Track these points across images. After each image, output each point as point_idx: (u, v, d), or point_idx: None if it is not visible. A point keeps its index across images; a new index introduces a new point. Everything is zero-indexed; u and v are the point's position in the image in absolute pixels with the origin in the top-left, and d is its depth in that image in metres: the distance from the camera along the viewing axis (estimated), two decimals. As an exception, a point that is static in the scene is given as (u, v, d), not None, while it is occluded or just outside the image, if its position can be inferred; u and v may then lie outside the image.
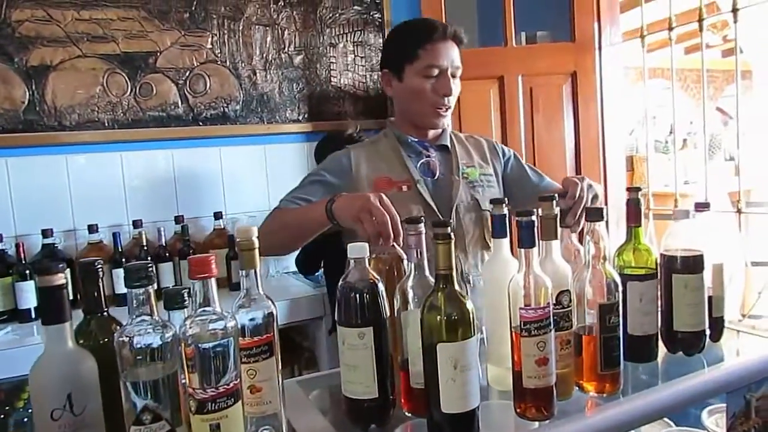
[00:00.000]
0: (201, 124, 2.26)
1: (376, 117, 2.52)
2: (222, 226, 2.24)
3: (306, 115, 2.44)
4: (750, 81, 3.54)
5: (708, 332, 1.08)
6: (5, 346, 1.63)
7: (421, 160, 1.48)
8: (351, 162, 1.47)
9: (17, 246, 1.90)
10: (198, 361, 0.66)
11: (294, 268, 2.31)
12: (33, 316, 1.87)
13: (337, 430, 0.89)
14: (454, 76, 1.44)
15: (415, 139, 1.50)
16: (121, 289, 2.00)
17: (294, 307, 2.03)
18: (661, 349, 1.09)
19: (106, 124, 2.11)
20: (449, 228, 0.80)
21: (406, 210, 1.38)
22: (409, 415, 0.91)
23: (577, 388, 0.96)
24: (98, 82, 2.08)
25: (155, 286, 0.68)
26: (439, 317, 0.80)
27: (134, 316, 0.66)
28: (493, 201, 0.97)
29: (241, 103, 2.32)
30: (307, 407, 0.98)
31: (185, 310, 0.76)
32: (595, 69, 2.23)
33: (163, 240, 2.12)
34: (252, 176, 2.38)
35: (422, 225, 0.89)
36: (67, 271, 2.00)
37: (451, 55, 1.42)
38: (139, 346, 0.64)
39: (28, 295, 1.87)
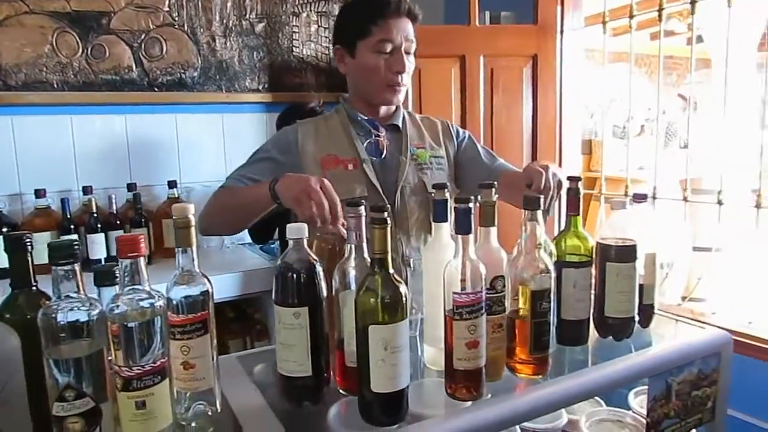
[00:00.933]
0: (156, 89, 2.20)
1: (339, 90, 2.47)
2: (176, 195, 2.20)
3: (266, 85, 2.39)
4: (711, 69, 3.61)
5: (637, 318, 1.13)
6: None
7: (369, 140, 1.47)
8: (297, 138, 1.45)
9: (-42, 209, 1.84)
10: (123, 339, 0.66)
11: (249, 240, 2.30)
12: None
13: (272, 406, 0.90)
14: (408, 53, 1.42)
15: (365, 117, 1.48)
16: (69, 256, 1.96)
17: (247, 279, 2.02)
18: (593, 333, 1.14)
19: (56, 86, 2.03)
20: (386, 212, 0.81)
21: (350, 189, 1.38)
22: (344, 393, 0.94)
23: (508, 369, 0.99)
24: (47, 41, 2.00)
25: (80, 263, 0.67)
26: (372, 300, 0.81)
27: (59, 293, 0.66)
28: (435, 186, 0.98)
29: (198, 69, 2.26)
30: (245, 383, 0.99)
31: (116, 287, 0.75)
32: (555, 53, 2.25)
33: (114, 207, 2.07)
34: (209, 145, 2.34)
35: (362, 208, 0.90)
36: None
37: (405, 31, 1.40)
38: (62, 323, 0.64)
39: (-31, 260, 1.81)
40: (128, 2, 2.10)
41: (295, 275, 0.86)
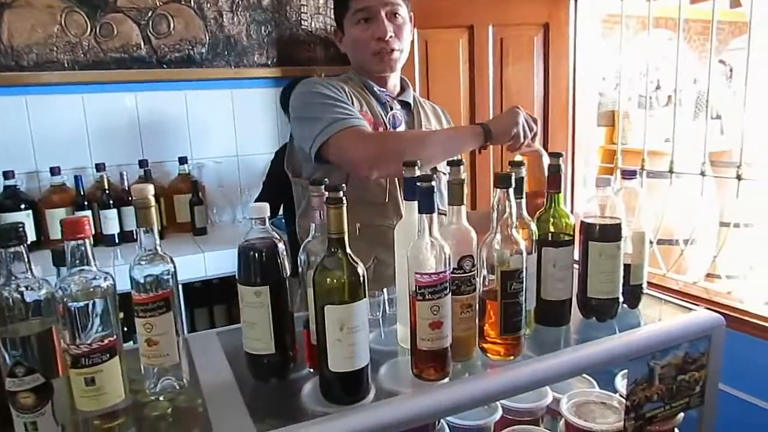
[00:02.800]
0: (165, 66, 2.22)
1: (348, 63, 2.46)
2: (187, 171, 2.24)
3: (275, 60, 2.39)
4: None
5: (622, 300, 1.09)
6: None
7: (391, 112, 1.43)
8: (344, 88, 1.37)
9: (-23, 187, 1.92)
10: (69, 318, 0.68)
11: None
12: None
13: (238, 382, 0.91)
14: (393, 14, 1.36)
15: (381, 89, 1.44)
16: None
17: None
18: (578, 314, 1.11)
19: (66, 65, 2.08)
20: (341, 192, 0.81)
21: None
22: (312, 371, 0.94)
23: (480, 350, 0.98)
24: (56, 21, 2.03)
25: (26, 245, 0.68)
26: (328, 280, 0.81)
27: (8, 274, 0.67)
28: (405, 163, 0.96)
29: (206, 45, 2.27)
30: (218, 359, 1.00)
31: (73, 267, 0.76)
32: (568, 20, 2.15)
33: (126, 184, 2.13)
34: (219, 121, 2.36)
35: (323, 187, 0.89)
36: (30, 212, 2.02)
37: None
38: (8, 303, 0.66)
39: (-11, 235, 1.89)
40: (135, -21, 2.12)
41: (256, 254, 0.87)
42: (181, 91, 2.27)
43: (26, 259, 0.68)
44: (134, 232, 2.14)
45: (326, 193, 0.89)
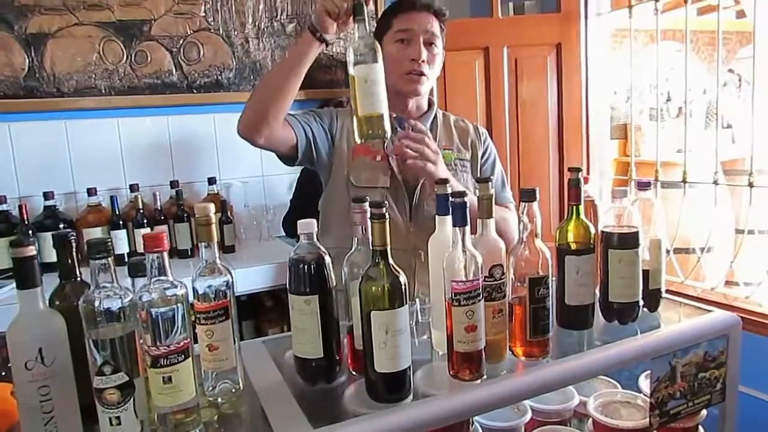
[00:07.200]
0: (195, 91, 2.33)
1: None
2: (216, 191, 2.34)
3: (298, 83, 2.48)
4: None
5: (642, 303, 1.16)
6: (9, 302, 1.76)
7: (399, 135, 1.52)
8: (338, 121, 1.54)
9: (20, 207, 2.03)
10: (150, 323, 0.76)
11: (284, 233, 2.42)
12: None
13: (288, 384, 0.99)
14: (429, 44, 1.48)
15: (394, 114, 1.49)
16: (119, 249, 2.12)
17: (283, 269, 2.13)
18: (601, 318, 1.18)
19: (103, 91, 2.19)
20: (384, 208, 0.89)
21: (375, 178, 1.47)
22: (355, 374, 1.02)
23: (511, 352, 1.05)
24: (95, 50, 2.16)
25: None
26: (374, 288, 0.89)
27: (96, 283, 0.76)
28: (438, 181, 1.04)
29: (234, 70, 2.38)
30: (267, 364, 1.08)
31: (146, 278, 0.85)
32: (579, 40, 2.24)
33: (159, 204, 2.23)
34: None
35: (367, 204, 0.97)
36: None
37: (425, 24, 1.46)
38: (99, 309, 0.75)
39: (32, 254, 1.99)
40: (167, 9, 2.24)
41: (306, 266, 0.95)
42: (210, 114, 2.38)
43: (112, 270, 0.77)
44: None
45: (369, 209, 0.98)
